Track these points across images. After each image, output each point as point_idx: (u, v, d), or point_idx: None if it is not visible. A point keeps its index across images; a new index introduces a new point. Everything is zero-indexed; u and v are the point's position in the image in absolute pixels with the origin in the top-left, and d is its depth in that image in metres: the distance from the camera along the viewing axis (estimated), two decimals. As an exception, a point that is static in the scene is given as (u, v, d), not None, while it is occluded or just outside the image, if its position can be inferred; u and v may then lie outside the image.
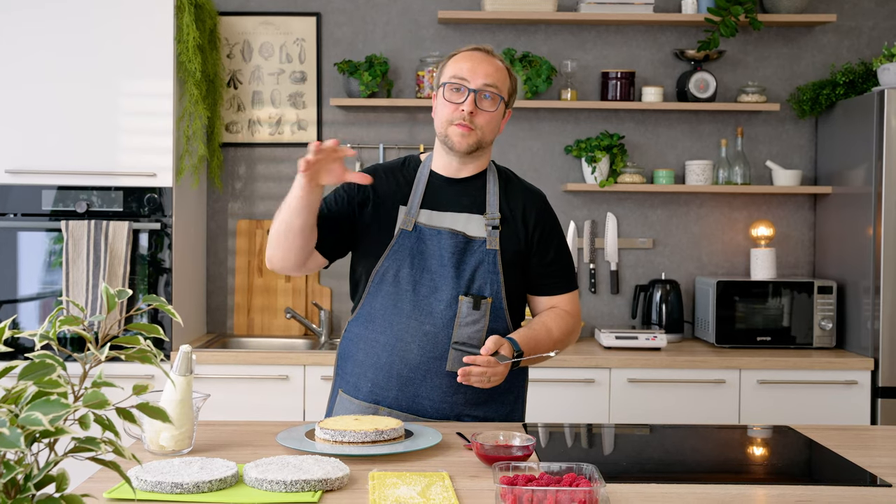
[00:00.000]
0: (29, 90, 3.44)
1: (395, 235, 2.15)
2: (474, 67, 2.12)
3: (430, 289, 2.13)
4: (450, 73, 2.14)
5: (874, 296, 3.45)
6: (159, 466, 1.67)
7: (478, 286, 2.14)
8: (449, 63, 2.17)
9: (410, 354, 2.13)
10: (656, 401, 3.42)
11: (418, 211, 2.16)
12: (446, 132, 2.14)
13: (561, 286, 2.26)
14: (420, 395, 2.14)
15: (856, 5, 4.00)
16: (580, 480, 1.54)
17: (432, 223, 2.16)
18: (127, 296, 1.32)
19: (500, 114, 2.17)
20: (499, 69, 2.15)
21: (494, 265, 2.15)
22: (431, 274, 2.13)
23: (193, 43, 3.48)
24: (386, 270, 2.15)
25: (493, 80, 2.12)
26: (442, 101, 2.14)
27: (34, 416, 1.05)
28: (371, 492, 1.60)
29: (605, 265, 4.01)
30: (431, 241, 2.14)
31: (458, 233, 2.14)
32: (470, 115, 2.10)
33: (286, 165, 4.00)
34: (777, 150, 4.02)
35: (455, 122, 2.12)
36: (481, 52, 2.16)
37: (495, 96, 2.13)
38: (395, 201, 2.19)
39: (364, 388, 2.17)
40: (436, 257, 2.13)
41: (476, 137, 2.13)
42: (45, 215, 3.46)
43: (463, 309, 2.13)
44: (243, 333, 3.93)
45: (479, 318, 2.14)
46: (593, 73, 3.99)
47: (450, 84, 2.13)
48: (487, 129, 2.14)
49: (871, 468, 1.84)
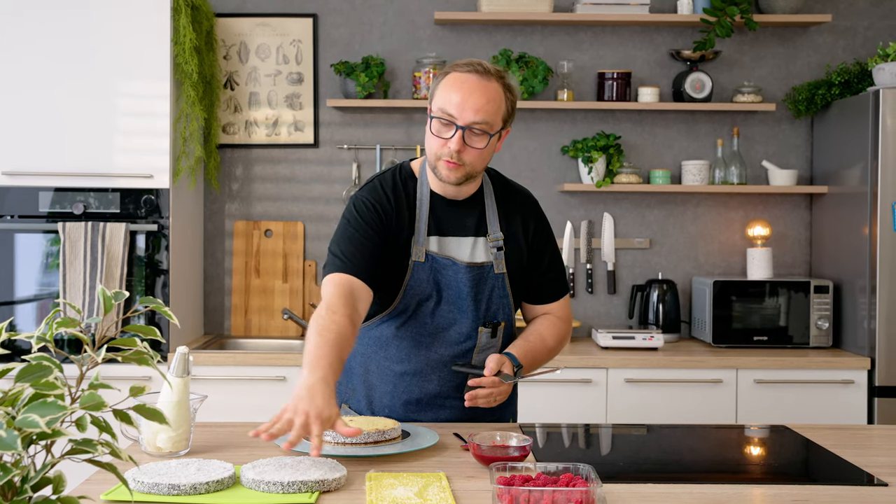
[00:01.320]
0: (26, 92, 3.44)
1: (409, 268, 2.11)
2: (464, 101, 2.00)
3: (450, 321, 2.13)
4: (439, 104, 2.03)
5: (870, 295, 3.46)
6: (156, 468, 1.67)
7: (492, 312, 2.16)
8: (441, 87, 2.05)
9: (430, 385, 2.16)
10: (653, 401, 3.42)
11: (426, 239, 2.13)
12: (435, 164, 2.07)
13: (555, 293, 2.26)
14: (439, 418, 2.18)
15: (851, 5, 4.01)
16: (577, 481, 1.54)
17: (443, 252, 2.13)
18: (124, 298, 1.32)
19: (491, 147, 2.07)
20: (491, 100, 2.02)
21: (504, 289, 2.16)
22: (450, 306, 2.13)
23: (190, 44, 3.48)
24: (407, 305, 2.12)
25: (482, 116, 2.00)
26: (430, 134, 2.06)
27: (31, 419, 1.05)
28: (368, 492, 1.60)
29: (602, 265, 4.02)
30: (446, 271, 2.11)
31: (473, 266, 2.12)
32: (457, 153, 2.02)
33: (283, 166, 4.00)
34: (773, 150, 4.02)
35: (443, 158, 2.04)
36: (475, 77, 2.02)
37: (483, 134, 2.02)
38: (401, 226, 2.12)
39: (381, 413, 2.18)
40: (453, 289, 2.12)
41: (464, 172, 2.06)
42: (41, 217, 3.45)
43: (483, 339, 2.15)
44: (240, 335, 3.93)
45: (494, 343, 2.17)
46: (590, 74, 3.99)
47: (437, 119, 2.04)
48: (476, 162, 2.06)
49: (867, 467, 1.84)
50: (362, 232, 2.07)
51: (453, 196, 2.15)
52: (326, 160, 4.00)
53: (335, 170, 4.00)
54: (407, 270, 2.11)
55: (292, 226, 3.97)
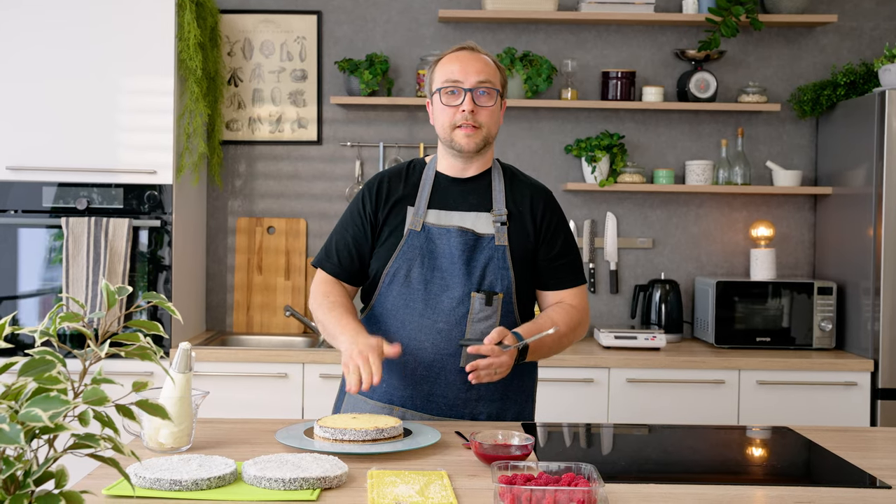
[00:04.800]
0: (30, 87, 3.44)
1: (404, 236, 2.16)
2: (464, 67, 2.13)
3: (442, 287, 2.14)
4: (441, 78, 2.16)
5: (874, 297, 3.45)
6: (158, 463, 1.67)
7: (489, 282, 2.15)
8: (437, 68, 2.18)
9: (424, 353, 2.14)
10: (655, 401, 3.42)
11: (426, 211, 2.18)
12: (451, 136, 2.15)
13: (568, 280, 2.25)
14: (434, 394, 2.15)
15: (857, 6, 4.00)
16: (579, 480, 1.54)
17: (440, 223, 2.17)
18: (127, 293, 1.32)
19: (499, 106, 2.19)
20: (487, 64, 2.16)
21: (504, 261, 2.16)
22: (442, 272, 2.14)
23: (194, 41, 3.48)
24: (397, 270, 2.16)
25: (485, 76, 2.14)
26: (440, 107, 2.16)
27: (34, 413, 1.05)
28: (370, 490, 1.60)
29: (605, 265, 4.01)
30: (441, 239, 2.15)
31: (466, 230, 2.15)
32: (471, 114, 2.12)
33: (286, 163, 4.00)
34: (777, 151, 4.02)
35: (458, 125, 2.13)
36: (466, 51, 2.17)
37: (491, 91, 2.15)
38: (403, 204, 2.20)
39: (378, 389, 2.19)
40: (446, 255, 2.14)
41: (482, 135, 2.15)
42: (45, 212, 3.46)
43: (475, 305, 2.13)
44: (242, 331, 3.93)
45: (490, 314, 2.14)
46: (594, 73, 3.99)
47: (444, 88, 2.14)
48: (491, 122, 2.16)
49: (870, 470, 1.84)
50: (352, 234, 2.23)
51: (460, 173, 2.21)
52: (329, 157, 4.00)
53: (338, 167, 3.99)
54: (402, 238, 2.16)
55: (295, 223, 3.97)
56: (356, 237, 2.23)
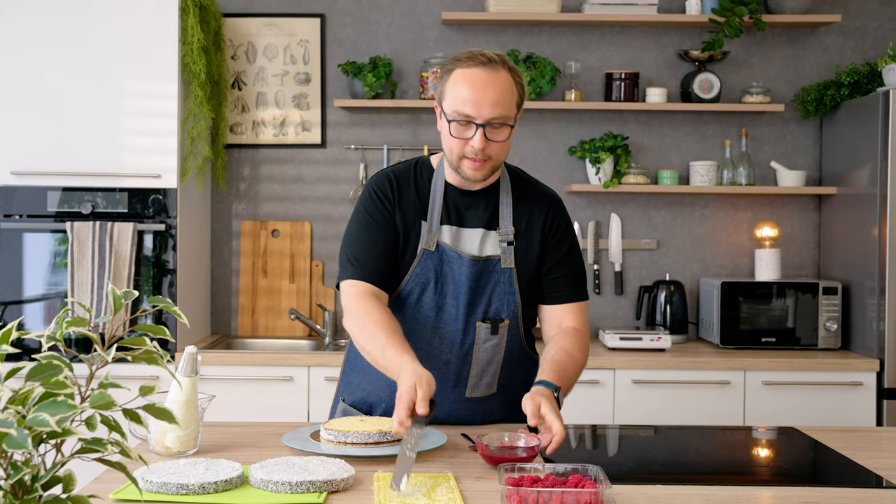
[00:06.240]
0: (34, 92, 3.45)
1: (417, 255, 2.09)
2: (478, 99, 1.96)
3: (452, 316, 2.10)
4: (452, 105, 1.99)
5: (879, 297, 3.45)
6: (165, 467, 1.67)
7: (495, 309, 2.11)
8: (450, 84, 2.01)
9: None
10: (661, 402, 3.42)
11: (439, 228, 2.10)
12: (458, 164, 2.04)
13: (569, 295, 2.17)
14: (437, 419, 2.11)
15: (860, 6, 3.99)
16: (585, 482, 1.54)
17: (454, 244, 2.10)
18: (133, 297, 1.32)
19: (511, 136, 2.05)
20: (504, 91, 1.98)
21: (510, 285, 2.11)
22: (453, 300, 2.09)
23: (198, 44, 3.48)
24: (409, 293, 2.10)
25: (499, 111, 1.98)
26: (448, 136, 2.03)
27: (41, 417, 1.06)
28: (376, 493, 1.60)
29: (610, 266, 4.01)
30: (452, 264, 2.09)
31: (477, 259, 2.09)
32: (482, 151, 2.00)
33: (290, 167, 4.00)
34: (781, 151, 4.01)
35: (467, 157, 2.02)
36: (482, 71, 1.98)
37: (504, 126, 2.00)
38: (415, 215, 2.11)
39: (378, 409, 2.17)
40: (456, 282, 2.09)
41: (490, 166, 2.04)
42: (50, 216, 3.46)
43: (481, 335, 2.10)
44: (247, 335, 3.94)
45: (497, 341, 2.12)
46: (597, 74, 3.99)
47: (455, 122, 2.00)
48: (501, 153, 2.04)
49: (876, 470, 1.84)
50: (374, 234, 2.09)
51: (468, 186, 2.12)
52: (334, 160, 4.00)
53: (342, 170, 4.00)
54: (415, 257, 2.09)
55: (299, 226, 3.97)
56: (378, 236, 2.08)
